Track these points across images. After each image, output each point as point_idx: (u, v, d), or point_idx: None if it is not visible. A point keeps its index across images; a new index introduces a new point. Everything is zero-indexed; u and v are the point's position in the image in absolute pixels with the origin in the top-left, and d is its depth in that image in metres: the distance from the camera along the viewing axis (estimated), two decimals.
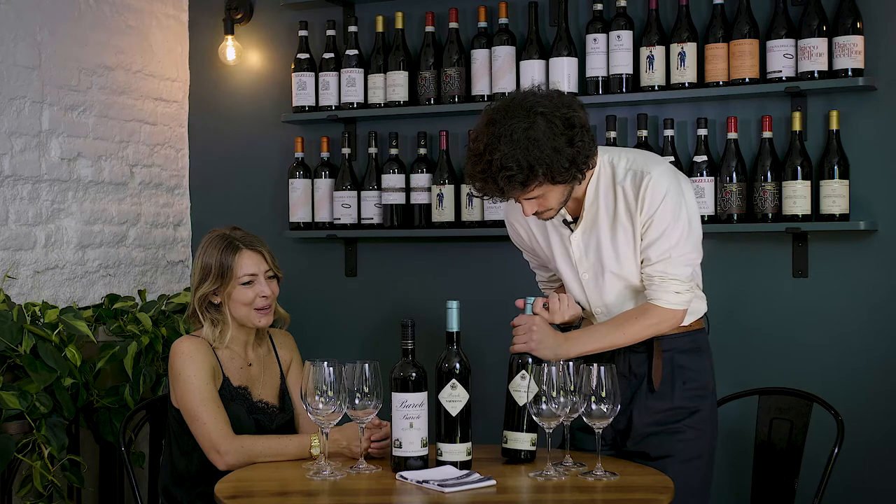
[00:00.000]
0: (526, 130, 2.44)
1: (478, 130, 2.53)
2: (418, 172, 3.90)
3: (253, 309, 2.83)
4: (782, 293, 3.54)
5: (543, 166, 2.45)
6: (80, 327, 3.39)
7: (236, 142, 4.37)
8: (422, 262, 4.05)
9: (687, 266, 2.62)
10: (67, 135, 3.84)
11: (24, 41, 3.67)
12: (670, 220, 2.58)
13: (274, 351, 2.96)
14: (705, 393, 2.73)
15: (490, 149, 2.46)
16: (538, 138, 2.44)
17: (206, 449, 2.69)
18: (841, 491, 3.35)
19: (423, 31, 3.94)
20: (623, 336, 2.65)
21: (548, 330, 2.64)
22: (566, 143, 2.47)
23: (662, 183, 2.59)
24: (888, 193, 3.40)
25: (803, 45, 3.38)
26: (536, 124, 2.45)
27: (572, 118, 2.49)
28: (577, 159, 2.49)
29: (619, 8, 3.62)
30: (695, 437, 2.69)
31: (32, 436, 3.25)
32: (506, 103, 2.52)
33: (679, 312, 2.63)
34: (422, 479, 2.38)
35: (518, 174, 2.45)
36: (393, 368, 2.52)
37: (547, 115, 2.46)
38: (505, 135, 2.45)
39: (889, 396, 3.41)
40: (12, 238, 3.61)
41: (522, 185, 2.48)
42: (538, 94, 2.53)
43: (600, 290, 2.70)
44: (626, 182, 2.61)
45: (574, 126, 2.49)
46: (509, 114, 2.48)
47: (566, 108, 2.50)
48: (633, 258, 2.64)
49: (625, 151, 2.70)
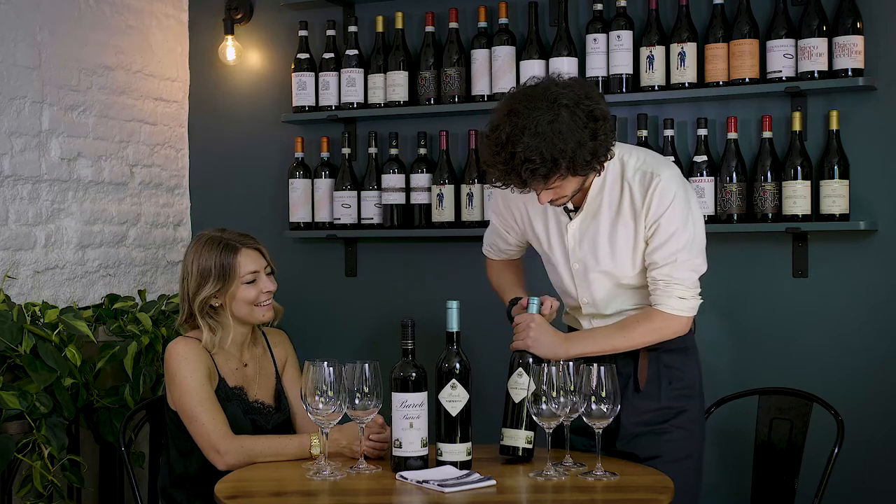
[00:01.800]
0: (550, 123, 2.42)
1: (498, 119, 2.49)
2: (418, 172, 3.90)
3: (256, 306, 2.84)
4: (782, 293, 3.54)
5: (567, 159, 2.43)
6: (80, 327, 3.39)
7: (236, 142, 4.37)
8: (422, 262, 4.05)
9: (692, 271, 2.61)
10: (67, 135, 3.84)
11: (24, 41, 3.67)
12: (678, 225, 2.58)
13: (269, 350, 2.96)
14: (692, 393, 2.73)
15: (513, 140, 2.43)
16: (562, 131, 2.42)
17: (205, 449, 2.69)
18: (841, 491, 3.35)
19: (423, 31, 3.94)
20: (625, 340, 2.64)
21: (547, 328, 2.64)
22: (589, 136, 2.45)
23: (671, 187, 2.58)
24: (888, 193, 3.40)
25: (803, 45, 3.38)
26: (560, 117, 2.43)
27: (595, 110, 2.47)
28: (598, 151, 2.48)
29: (619, 8, 3.62)
30: (682, 438, 2.70)
31: (32, 436, 3.25)
32: (528, 93, 2.49)
33: (683, 319, 2.62)
34: (422, 479, 2.38)
35: (542, 167, 2.43)
36: (393, 368, 2.52)
37: (571, 108, 2.44)
38: (529, 127, 2.42)
39: (889, 396, 3.41)
40: (12, 238, 3.61)
41: (545, 178, 2.47)
42: (560, 83, 2.50)
43: (588, 282, 2.69)
44: (634, 180, 2.60)
45: (597, 119, 2.47)
46: (532, 105, 2.45)
47: (588, 99, 2.48)
48: (629, 256, 2.63)
49: (636, 150, 2.69)
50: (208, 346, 2.80)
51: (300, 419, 2.90)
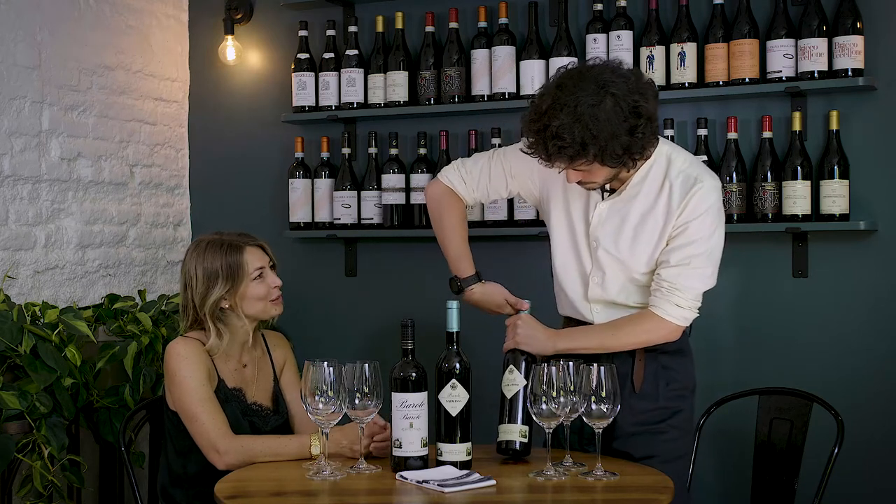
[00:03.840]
0: (591, 107, 2.40)
1: (545, 89, 2.48)
2: (418, 172, 3.90)
3: (268, 301, 2.84)
4: (782, 293, 3.54)
5: (596, 147, 2.42)
6: (80, 327, 3.39)
7: (236, 142, 4.37)
8: (422, 262, 4.04)
9: (699, 281, 2.60)
10: (67, 135, 3.84)
11: (24, 41, 3.67)
12: (705, 234, 2.58)
13: (268, 352, 2.96)
14: (686, 393, 2.74)
15: (551, 113, 2.42)
16: (600, 118, 2.40)
17: (204, 449, 2.69)
18: (841, 491, 3.35)
19: (423, 31, 3.94)
20: (614, 339, 2.64)
21: (534, 325, 2.65)
22: (626, 131, 2.43)
23: (710, 196, 2.58)
24: (888, 193, 3.40)
25: (803, 45, 3.38)
26: (604, 103, 2.41)
27: (641, 107, 2.45)
28: (632, 148, 2.46)
29: (619, 8, 3.62)
30: (677, 437, 2.71)
31: (32, 436, 3.25)
32: (581, 71, 2.47)
33: (675, 327, 2.62)
34: (422, 479, 2.38)
35: (569, 147, 2.42)
36: (393, 368, 2.52)
37: (617, 97, 2.42)
38: (569, 104, 2.40)
39: (889, 396, 3.41)
40: (12, 238, 3.61)
41: (570, 159, 2.46)
42: (616, 71, 2.48)
43: (601, 267, 2.68)
44: (677, 180, 2.59)
45: (640, 115, 2.45)
46: (580, 84, 2.43)
47: (638, 94, 2.45)
48: (648, 252, 2.62)
49: (686, 153, 2.68)
50: (213, 350, 2.79)
51: (298, 421, 2.90)
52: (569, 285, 2.76)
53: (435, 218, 2.89)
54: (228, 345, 2.83)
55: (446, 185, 2.87)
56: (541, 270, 3.00)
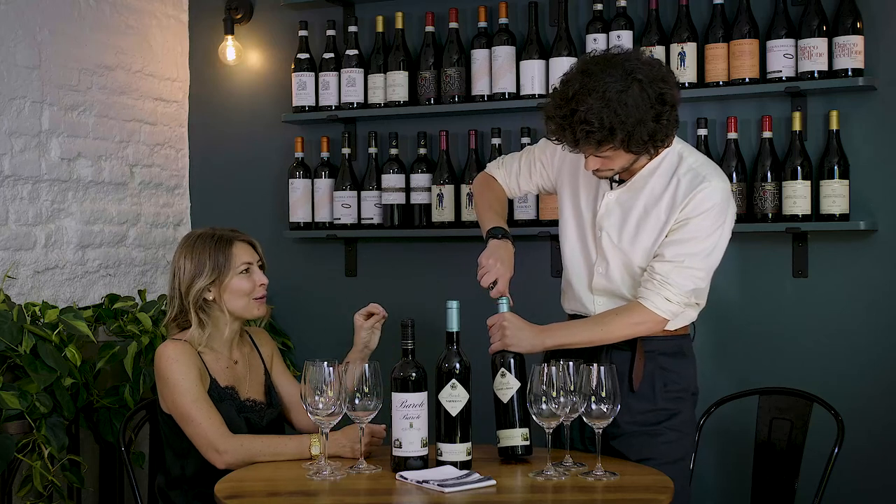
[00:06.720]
0: (619, 93, 2.43)
1: (570, 76, 2.51)
2: (418, 172, 3.90)
3: (252, 299, 2.84)
4: (782, 293, 3.54)
5: (624, 132, 2.45)
6: (80, 327, 3.39)
7: (236, 142, 4.37)
8: (422, 262, 4.05)
9: (690, 280, 2.60)
10: (67, 135, 3.84)
11: (24, 41, 3.67)
12: (703, 233, 2.59)
13: (256, 347, 2.97)
14: (685, 396, 2.74)
15: (578, 99, 2.45)
16: (628, 103, 2.43)
17: (203, 449, 2.68)
18: (841, 491, 3.35)
19: (423, 31, 3.95)
20: (601, 332, 2.64)
21: (520, 324, 2.64)
22: (652, 117, 2.47)
23: (715, 196, 2.59)
24: (888, 193, 3.40)
25: (803, 45, 3.38)
26: (631, 89, 2.44)
27: (666, 94, 2.49)
28: (656, 135, 2.50)
29: (619, 8, 3.62)
30: (675, 440, 2.70)
31: (32, 436, 3.25)
32: (607, 58, 2.51)
33: (660, 319, 2.62)
34: (422, 479, 2.38)
35: (598, 132, 2.45)
36: (393, 368, 2.52)
37: (643, 84, 2.46)
38: (597, 90, 2.43)
39: (889, 396, 3.41)
40: (12, 238, 3.61)
41: (598, 144, 2.49)
42: (641, 59, 2.52)
43: (605, 257, 2.69)
44: (685, 177, 2.61)
45: (665, 103, 2.49)
46: (607, 70, 2.46)
47: (663, 82, 2.50)
48: (649, 245, 2.64)
49: (697, 152, 2.71)
50: (195, 342, 2.79)
51: (295, 411, 2.93)
52: (575, 275, 2.78)
53: (475, 198, 3.02)
54: (215, 342, 2.83)
55: (488, 172, 3.02)
56: (541, 270, 3.00)
